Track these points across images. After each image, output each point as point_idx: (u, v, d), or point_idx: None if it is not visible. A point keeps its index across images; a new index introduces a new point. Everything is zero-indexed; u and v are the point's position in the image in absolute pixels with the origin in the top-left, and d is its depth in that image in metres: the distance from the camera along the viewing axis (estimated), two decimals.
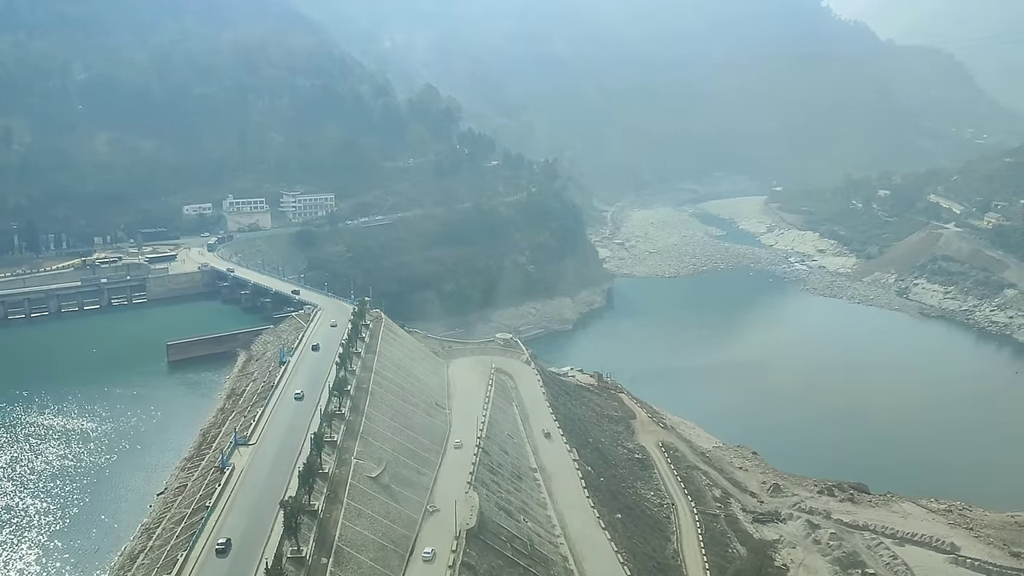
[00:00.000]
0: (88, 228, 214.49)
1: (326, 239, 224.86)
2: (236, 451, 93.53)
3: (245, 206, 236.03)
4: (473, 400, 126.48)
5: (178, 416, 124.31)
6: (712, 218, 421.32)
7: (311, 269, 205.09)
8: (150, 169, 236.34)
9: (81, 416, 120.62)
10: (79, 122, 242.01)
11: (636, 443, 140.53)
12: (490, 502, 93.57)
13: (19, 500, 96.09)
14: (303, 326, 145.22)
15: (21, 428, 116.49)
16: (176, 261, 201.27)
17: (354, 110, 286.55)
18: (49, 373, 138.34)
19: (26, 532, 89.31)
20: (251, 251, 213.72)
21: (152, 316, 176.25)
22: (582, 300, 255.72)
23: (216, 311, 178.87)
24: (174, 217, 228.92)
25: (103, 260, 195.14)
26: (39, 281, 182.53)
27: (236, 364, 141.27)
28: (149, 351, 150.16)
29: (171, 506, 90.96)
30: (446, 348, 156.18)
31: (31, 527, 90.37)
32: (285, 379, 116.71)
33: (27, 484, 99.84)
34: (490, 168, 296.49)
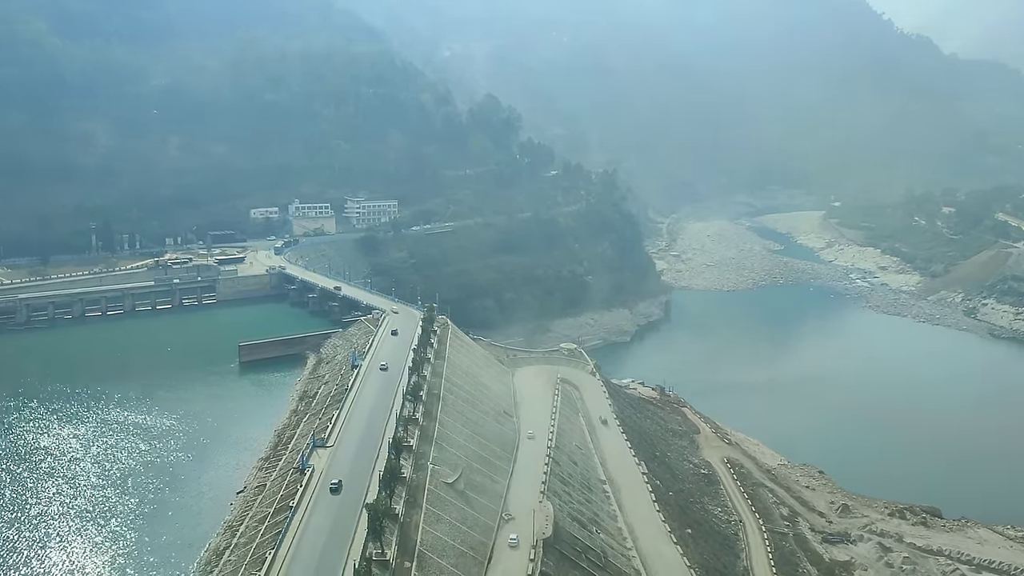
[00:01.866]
0: (160, 229, 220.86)
1: (389, 245, 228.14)
2: (315, 453, 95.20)
3: (311, 211, 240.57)
4: (540, 409, 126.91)
5: (252, 416, 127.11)
6: (769, 232, 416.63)
7: (374, 274, 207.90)
8: (220, 173, 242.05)
9: (160, 413, 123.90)
10: (154, 127, 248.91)
11: (701, 458, 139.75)
12: (563, 512, 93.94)
13: (109, 493, 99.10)
14: (372, 330, 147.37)
15: (106, 424, 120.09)
16: (244, 263, 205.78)
17: (417, 119, 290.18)
18: (128, 371, 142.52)
19: (117, 525, 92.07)
20: (316, 255, 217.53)
21: (221, 317, 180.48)
22: (640, 312, 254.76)
23: (284, 313, 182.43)
24: (242, 220, 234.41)
25: (174, 261, 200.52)
26: (114, 280, 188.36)
27: (306, 366, 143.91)
28: (221, 351, 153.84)
29: (252, 505, 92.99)
30: (511, 356, 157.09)
31: (122, 520, 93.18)
32: (358, 383, 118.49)
33: (115, 478, 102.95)
34: (549, 178, 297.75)
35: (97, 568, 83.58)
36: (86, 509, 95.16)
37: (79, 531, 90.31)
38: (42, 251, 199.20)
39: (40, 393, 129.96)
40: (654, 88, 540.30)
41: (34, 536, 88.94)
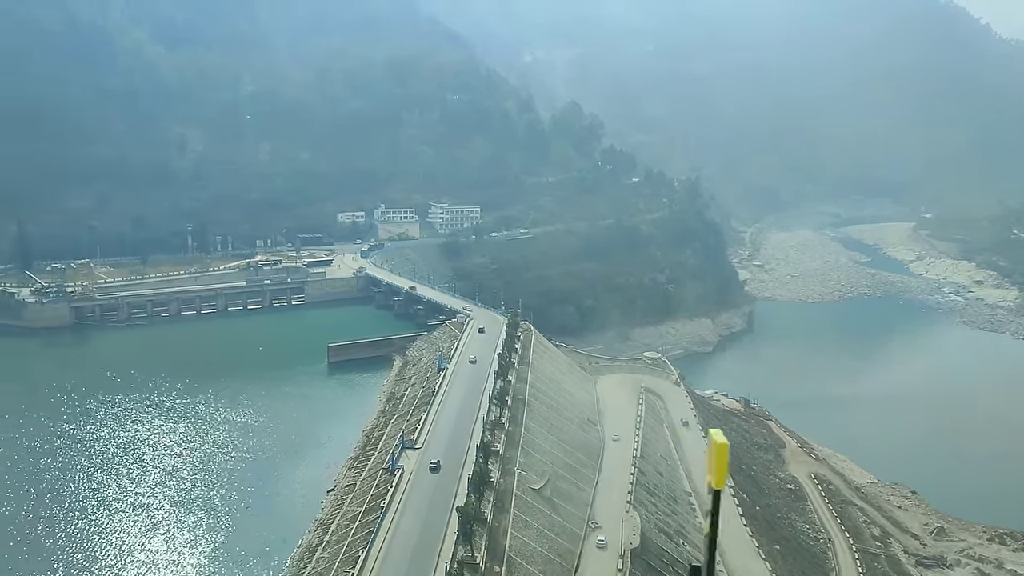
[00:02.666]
0: (251, 232, 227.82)
1: (471, 250, 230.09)
2: (404, 454, 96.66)
3: (395, 215, 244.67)
4: (624, 419, 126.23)
5: (340, 415, 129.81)
6: (855, 243, 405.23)
7: (457, 279, 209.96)
8: (308, 178, 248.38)
9: (254, 411, 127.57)
10: (246, 132, 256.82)
11: (787, 473, 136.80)
12: (650, 523, 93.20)
13: (208, 487, 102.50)
14: (457, 334, 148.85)
15: (203, 419, 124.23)
16: (332, 266, 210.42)
17: (500, 125, 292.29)
18: (222, 368, 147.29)
19: (216, 517, 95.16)
20: (400, 259, 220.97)
21: (310, 318, 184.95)
22: (723, 322, 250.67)
23: (369, 316, 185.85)
24: (329, 224, 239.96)
25: (265, 263, 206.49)
26: (208, 280, 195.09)
27: (393, 368, 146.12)
28: (309, 351, 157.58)
29: (342, 504, 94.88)
30: (593, 364, 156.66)
31: (220, 513, 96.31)
32: (444, 386, 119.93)
33: (213, 473, 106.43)
34: (631, 185, 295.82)
35: (198, 559, 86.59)
36: (187, 501, 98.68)
37: (181, 522, 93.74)
38: (141, 250, 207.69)
39: (142, 388, 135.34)
40: (736, 95, 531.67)
41: (141, 525, 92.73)
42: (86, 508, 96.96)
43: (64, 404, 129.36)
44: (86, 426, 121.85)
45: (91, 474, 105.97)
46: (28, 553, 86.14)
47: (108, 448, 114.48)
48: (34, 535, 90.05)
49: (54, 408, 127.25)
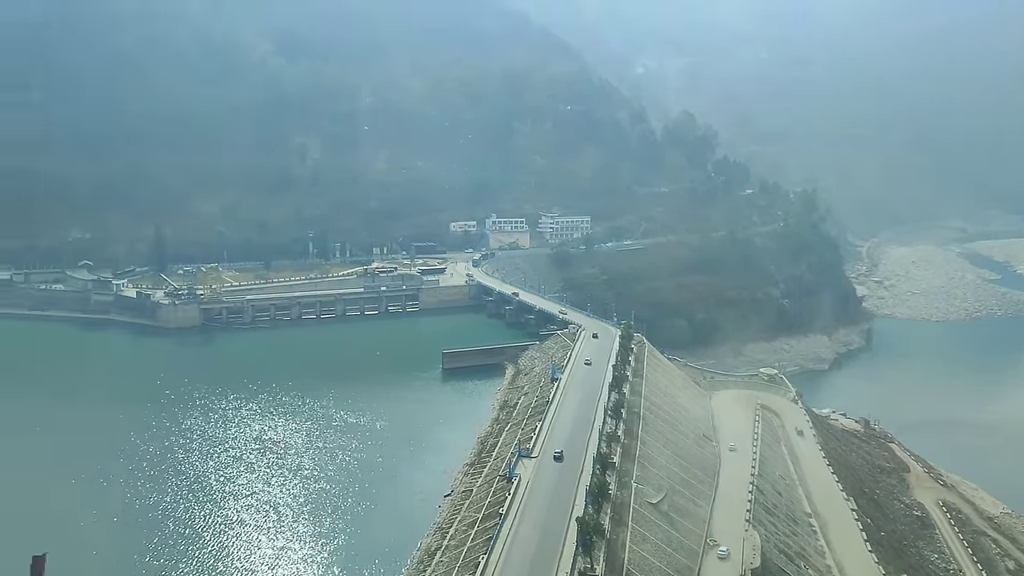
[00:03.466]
0: (368, 239, 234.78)
1: (581, 260, 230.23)
2: (520, 462, 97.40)
3: (506, 225, 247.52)
4: (740, 435, 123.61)
5: (454, 421, 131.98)
6: (983, 260, 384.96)
7: (566, 289, 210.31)
8: (422, 187, 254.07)
9: (372, 414, 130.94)
10: (364, 142, 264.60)
11: (912, 498, 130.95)
12: (770, 543, 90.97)
13: (329, 487, 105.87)
14: (569, 345, 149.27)
15: (325, 421, 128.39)
16: (445, 274, 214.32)
17: (612, 135, 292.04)
18: (341, 371, 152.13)
19: (338, 517, 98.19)
20: (511, 268, 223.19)
21: (423, 324, 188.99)
22: (839, 339, 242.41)
23: (481, 324, 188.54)
24: (442, 232, 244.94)
25: (381, 270, 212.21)
26: (328, 286, 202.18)
27: (505, 376, 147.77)
28: (424, 357, 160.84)
29: (459, 509, 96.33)
30: (707, 379, 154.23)
31: (342, 513, 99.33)
32: (558, 396, 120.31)
33: (334, 473, 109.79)
34: (745, 196, 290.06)
35: (322, 557, 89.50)
36: (310, 500, 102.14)
37: (305, 520, 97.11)
38: (265, 256, 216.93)
39: (266, 388, 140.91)
40: (854, 104, 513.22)
41: (269, 521, 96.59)
42: (219, 501, 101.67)
43: (195, 401, 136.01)
44: (215, 423, 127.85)
45: (222, 469, 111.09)
46: (170, 540, 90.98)
47: (236, 445, 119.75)
48: (174, 524, 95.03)
49: (186, 404, 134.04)
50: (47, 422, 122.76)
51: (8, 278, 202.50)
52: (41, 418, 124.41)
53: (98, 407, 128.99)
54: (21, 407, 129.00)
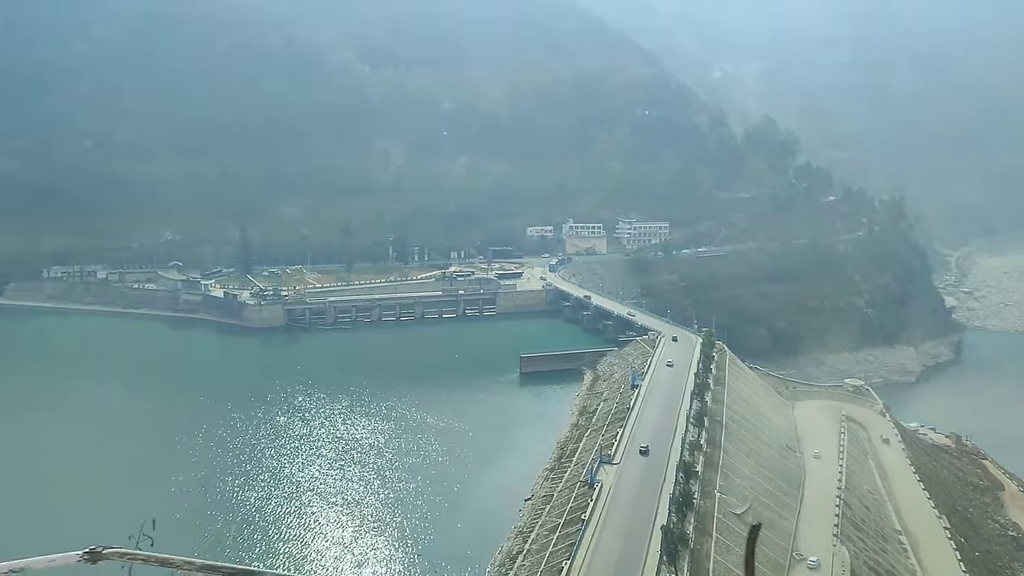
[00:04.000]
0: (446, 243, 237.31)
1: (659, 266, 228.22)
2: (601, 468, 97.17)
3: (583, 230, 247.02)
4: (824, 447, 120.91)
5: (532, 426, 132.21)
6: None
7: (644, 295, 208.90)
8: (500, 192, 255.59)
9: (451, 415, 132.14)
10: (443, 147, 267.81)
11: (1008, 519, 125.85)
12: (859, 560, 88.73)
13: (411, 487, 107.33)
14: (648, 351, 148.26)
15: (405, 421, 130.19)
16: (521, 279, 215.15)
17: (690, 140, 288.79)
18: (421, 372, 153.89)
19: (420, 518, 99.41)
20: (588, 274, 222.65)
21: (500, 328, 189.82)
22: (926, 351, 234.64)
23: (558, 329, 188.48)
24: (518, 237, 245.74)
25: (459, 273, 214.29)
26: (407, 289, 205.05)
27: (584, 382, 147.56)
28: (502, 361, 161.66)
29: (540, 513, 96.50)
30: (790, 389, 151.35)
31: (423, 513, 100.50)
32: (639, 403, 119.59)
33: (415, 474, 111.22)
34: (827, 203, 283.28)
35: (405, 556, 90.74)
36: (393, 500, 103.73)
37: (388, 520, 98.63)
38: (346, 258, 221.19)
39: (348, 388, 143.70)
40: (942, 108, 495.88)
41: (353, 519, 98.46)
42: (303, 498, 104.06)
43: (280, 399, 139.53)
44: (301, 421, 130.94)
45: (307, 467, 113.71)
46: (256, 534, 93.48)
47: (321, 443, 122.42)
48: (261, 518, 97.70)
49: (272, 402, 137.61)
50: (145, 416, 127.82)
51: (105, 277, 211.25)
52: (140, 412, 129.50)
53: (190, 403, 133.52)
54: (121, 402, 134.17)
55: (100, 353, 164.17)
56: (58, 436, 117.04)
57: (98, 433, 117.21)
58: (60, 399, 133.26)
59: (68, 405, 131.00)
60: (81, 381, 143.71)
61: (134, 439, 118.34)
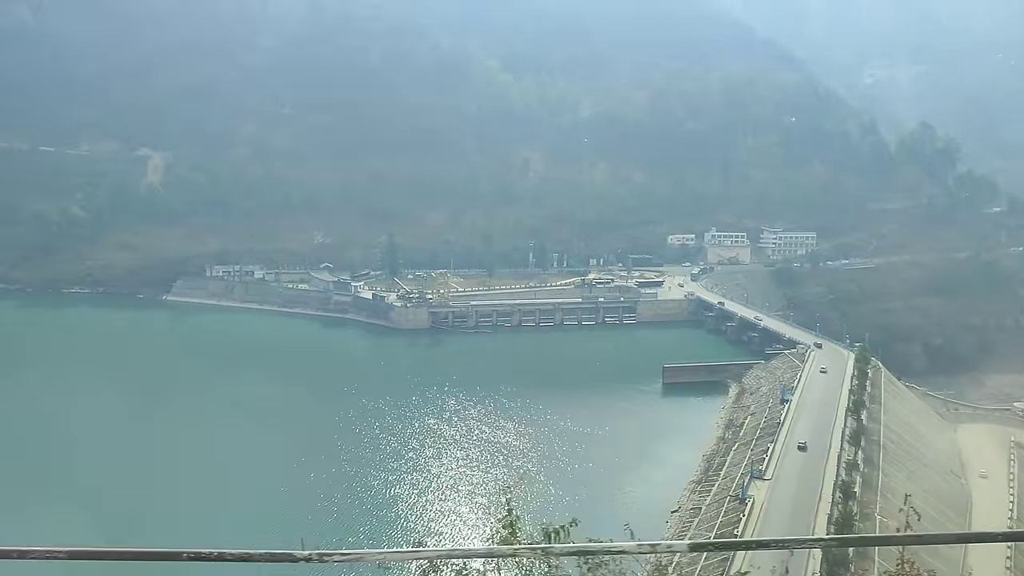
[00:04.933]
0: (585, 250, 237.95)
1: (805, 278, 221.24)
2: (753, 484, 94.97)
3: (726, 239, 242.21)
4: (992, 474, 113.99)
5: (676, 437, 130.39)
6: None
7: (790, 307, 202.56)
8: (640, 199, 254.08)
9: (594, 423, 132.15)
10: (583, 154, 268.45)
11: None
12: None
13: (561, 492, 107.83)
14: (798, 365, 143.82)
15: (548, 427, 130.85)
16: (662, 288, 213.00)
17: (840, 148, 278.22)
18: (561, 379, 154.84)
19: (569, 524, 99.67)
20: (730, 284, 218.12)
21: (641, 337, 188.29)
22: None
23: (700, 339, 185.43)
24: (658, 245, 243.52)
25: (598, 281, 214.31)
26: (546, 295, 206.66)
27: (729, 395, 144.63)
28: (642, 370, 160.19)
29: (688, 527, 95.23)
30: (951, 410, 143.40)
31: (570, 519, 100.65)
32: (790, 418, 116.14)
33: (561, 479, 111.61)
34: (992, 215, 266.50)
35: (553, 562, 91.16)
36: (535, 504, 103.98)
37: (533, 524, 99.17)
38: (487, 264, 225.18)
39: (492, 391, 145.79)
40: None
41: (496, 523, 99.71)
42: (450, 497, 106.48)
43: (427, 399, 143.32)
44: (447, 422, 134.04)
45: (453, 467, 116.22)
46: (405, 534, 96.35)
47: (466, 445, 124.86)
48: (408, 514, 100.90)
49: (419, 402, 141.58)
50: (307, 410, 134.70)
51: (262, 277, 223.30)
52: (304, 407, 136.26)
53: (347, 400, 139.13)
54: (286, 396, 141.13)
55: (263, 349, 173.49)
56: (226, 425, 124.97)
57: (268, 425, 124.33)
58: (230, 391, 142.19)
59: (237, 397, 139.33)
60: (250, 375, 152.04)
61: (299, 432, 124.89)
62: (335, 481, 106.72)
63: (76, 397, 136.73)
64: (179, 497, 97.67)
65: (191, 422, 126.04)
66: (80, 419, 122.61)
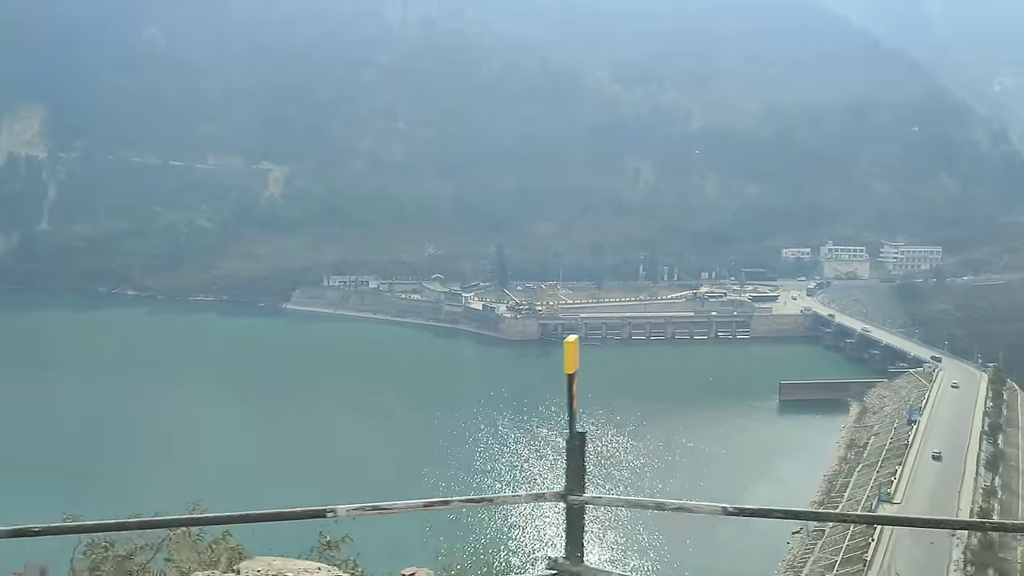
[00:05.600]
0: (696, 263, 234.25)
1: (930, 294, 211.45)
2: (880, 507, 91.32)
3: (843, 253, 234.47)
4: None
5: (793, 456, 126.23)
6: None
7: (913, 324, 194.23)
8: (752, 212, 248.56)
9: (708, 438, 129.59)
10: (694, 166, 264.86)
11: None
12: None
13: None
14: (925, 385, 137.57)
15: (663, 442, 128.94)
16: (777, 302, 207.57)
17: (968, 159, 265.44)
18: (675, 394, 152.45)
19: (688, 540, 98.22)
20: (848, 299, 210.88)
21: (755, 353, 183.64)
22: None
23: (817, 356, 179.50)
24: (772, 259, 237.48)
25: (710, 294, 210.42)
26: (657, 308, 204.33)
27: (849, 414, 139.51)
28: (757, 386, 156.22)
29: (812, 549, 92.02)
30: None
31: (688, 536, 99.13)
32: (917, 439, 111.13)
33: (677, 494, 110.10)
34: None
35: None
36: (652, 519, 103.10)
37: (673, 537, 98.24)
38: (597, 276, 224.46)
39: (603, 404, 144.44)
40: None
41: (612, 536, 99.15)
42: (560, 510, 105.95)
43: (539, 410, 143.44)
44: (558, 434, 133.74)
45: None
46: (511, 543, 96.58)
47: None
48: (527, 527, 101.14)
49: (530, 413, 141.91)
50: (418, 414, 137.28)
51: (376, 287, 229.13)
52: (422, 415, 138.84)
53: (457, 405, 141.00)
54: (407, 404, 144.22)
55: (379, 356, 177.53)
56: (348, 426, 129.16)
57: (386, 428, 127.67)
58: (349, 395, 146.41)
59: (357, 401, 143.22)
60: (368, 380, 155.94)
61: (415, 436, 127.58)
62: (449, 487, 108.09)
63: (204, 397, 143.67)
64: (301, 493, 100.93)
65: (315, 423, 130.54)
66: (209, 417, 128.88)
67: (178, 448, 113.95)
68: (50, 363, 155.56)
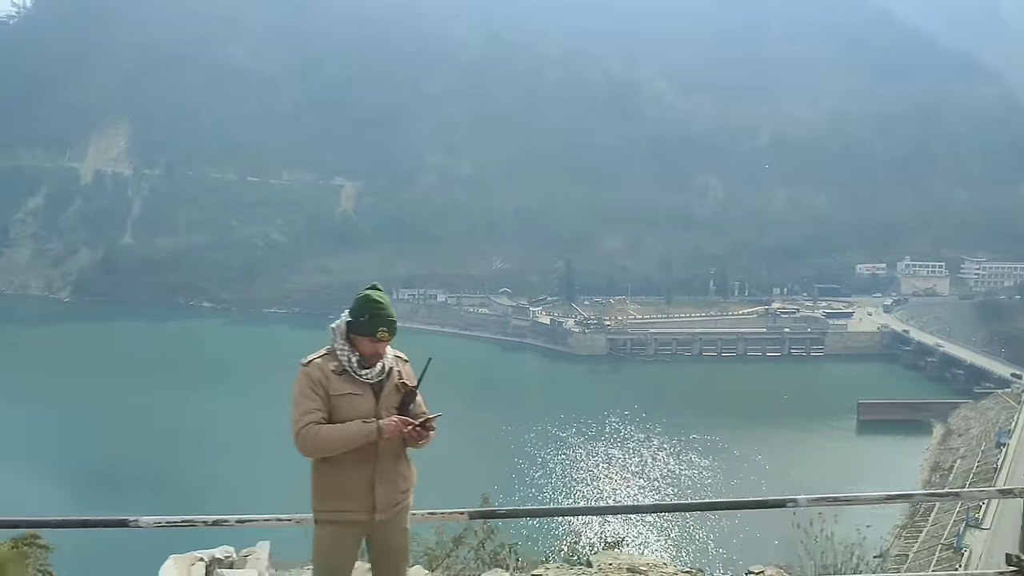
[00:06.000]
0: (766, 279, 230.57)
1: (1014, 312, 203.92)
2: (968, 532, 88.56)
3: (921, 269, 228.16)
4: None
5: (874, 478, 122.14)
6: None
7: (996, 343, 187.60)
8: (823, 226, 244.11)
9: (783, 459, 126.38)
10: (763, 180, 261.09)
11: None
12: None
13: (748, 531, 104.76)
14: (1013, 406, 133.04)
15: (736, 463, 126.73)
16: (852, 319, 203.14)
17: None
18: (746, 412, 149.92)
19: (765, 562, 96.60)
20: (928, 316, 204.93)
21: (830, 370, 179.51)
22: None
23: (895, 375, 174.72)
24: (845, 275, 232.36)
25: (782, 310, 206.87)
26: (727, 324, 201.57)
27: (932, 435, 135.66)
28: (834, 405, 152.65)
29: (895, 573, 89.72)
30: None
31: (765, 558, 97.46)
32: (1008, 463, 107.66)
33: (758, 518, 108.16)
34: None
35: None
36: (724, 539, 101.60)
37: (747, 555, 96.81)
38: (665, 291, 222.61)
39: (675, 423, 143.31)
40: None
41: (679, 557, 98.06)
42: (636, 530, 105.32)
43: (608, 428, 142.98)
44: (630, 453, 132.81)
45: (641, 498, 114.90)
46: None
47: (651, 480, 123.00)
48: None
49: (599, 429, 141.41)
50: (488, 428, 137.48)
51: (444, 301, 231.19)
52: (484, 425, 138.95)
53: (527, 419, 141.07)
54: (467, 414, 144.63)
55: (449, 369, 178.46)
56: None
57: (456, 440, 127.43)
58: None
59: None
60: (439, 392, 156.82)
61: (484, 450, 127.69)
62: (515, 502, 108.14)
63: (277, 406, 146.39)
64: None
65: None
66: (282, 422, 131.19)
67: (261, 452, 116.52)
68: (131, 371, 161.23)
